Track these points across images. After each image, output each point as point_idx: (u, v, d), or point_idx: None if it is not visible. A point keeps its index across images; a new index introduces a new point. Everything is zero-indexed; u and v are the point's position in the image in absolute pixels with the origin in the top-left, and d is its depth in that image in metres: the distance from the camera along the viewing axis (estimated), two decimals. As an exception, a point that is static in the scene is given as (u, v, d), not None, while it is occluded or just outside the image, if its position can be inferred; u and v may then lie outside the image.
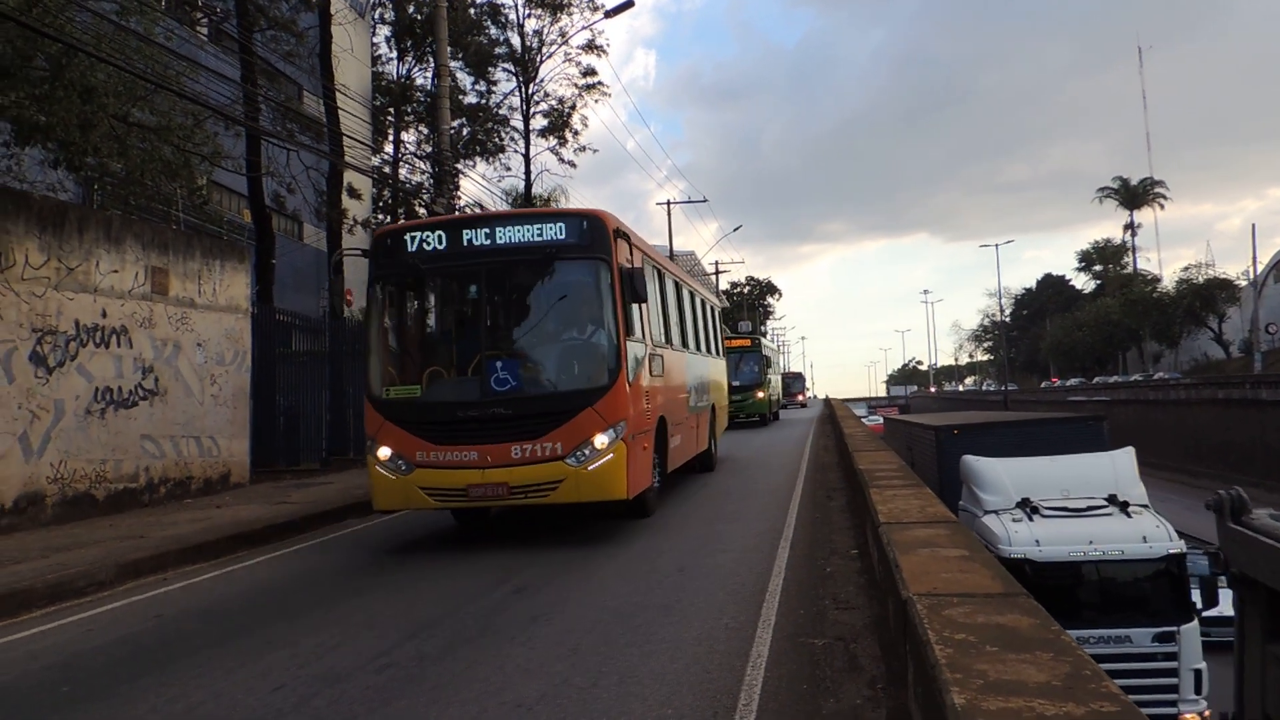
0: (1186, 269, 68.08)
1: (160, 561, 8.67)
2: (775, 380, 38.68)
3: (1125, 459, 12.63)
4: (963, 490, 13.35)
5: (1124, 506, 11.47)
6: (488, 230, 8.92)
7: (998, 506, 11.92)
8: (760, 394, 30.60)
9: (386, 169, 32.67)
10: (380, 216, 36.12)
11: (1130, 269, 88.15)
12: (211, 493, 13.80)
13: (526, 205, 35.61)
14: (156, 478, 12.87)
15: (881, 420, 55.68)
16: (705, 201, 60.07)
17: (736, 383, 27.58)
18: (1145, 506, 11.74)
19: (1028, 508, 11.59)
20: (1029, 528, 11.13)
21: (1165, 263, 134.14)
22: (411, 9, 33.12)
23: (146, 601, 7.51)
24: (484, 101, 36.80)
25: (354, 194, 25.89)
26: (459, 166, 21.67)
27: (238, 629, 6.40)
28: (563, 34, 36.83)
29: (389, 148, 34.77)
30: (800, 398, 66.18)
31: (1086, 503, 11.62)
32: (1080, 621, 10.26)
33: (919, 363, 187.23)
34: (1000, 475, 12.30)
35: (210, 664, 5.48)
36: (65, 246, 11.41)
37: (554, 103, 38.10)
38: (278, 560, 9.23)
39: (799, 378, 74.78)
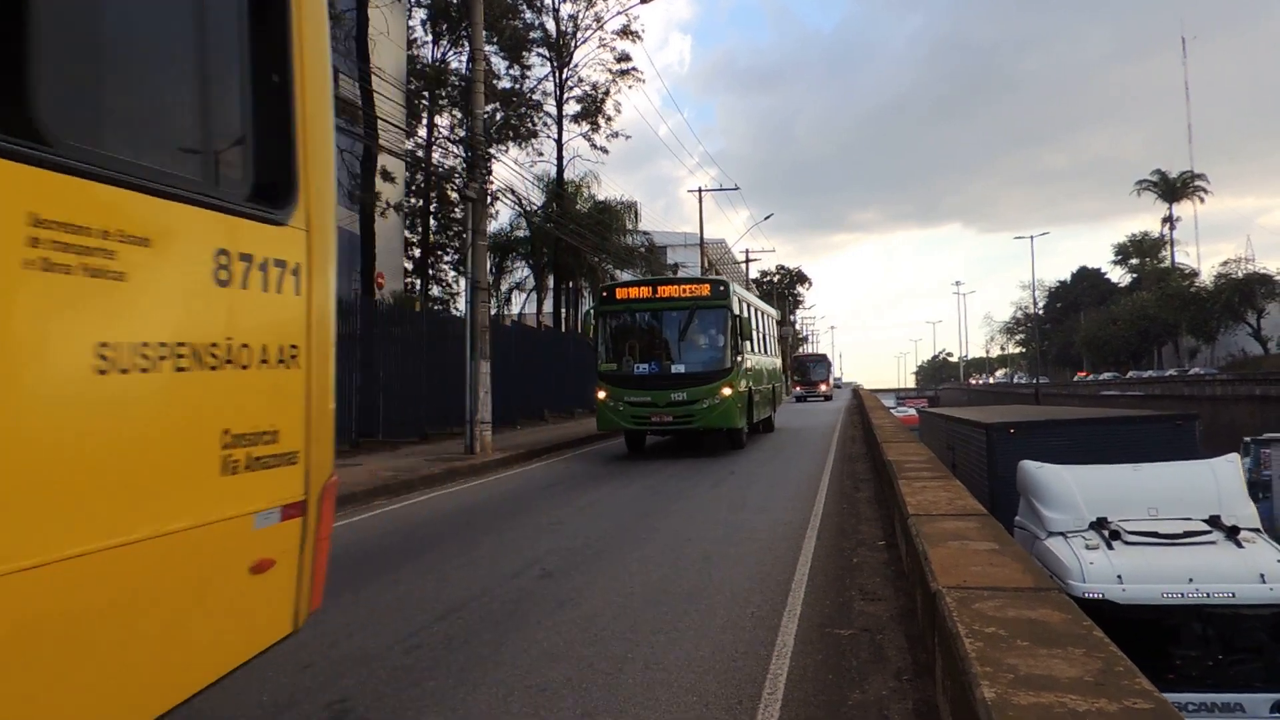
0: (1225, 263, 66.98)
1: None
2: (768, 365, 22.43)
3: (1229, 470, 10.06)
4: (1020, 503, 10.95)
5: (1232, 533, 9.00)
6: None
7: (1066, 527, 9.61)
8: (726, 390, 16.49)
9: (420, 153, 32.83)
10: (412, 200, 36.35)
11: (1168, 263, 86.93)
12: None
13: (558, 189, 35.66)
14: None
15: (914, 412, 52.63)
16: (737, 189, 59.86)
17: (680, 368, 16.60)
18: (1258, 531, 9.31)
19: (1105, 530, 9.23)
20: (1108, 558, 8.79)
21: (1204, 257, 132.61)
22: (447, -8, 33.15)
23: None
24: (518, 86, 36.83)
25: (388, 177, 26.04)
26: (492, 151, 21.71)
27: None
28: (598, 19, 36.75)
29: (422, 131, 34.91)
30: (823, 387, 57.12)
31: (1182, 526, 9.19)
32: (1177, 683, 8.16)
33: (949, 354, 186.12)
34: (1069, 486, 10.00)
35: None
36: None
37: (587, 88, 38.05)
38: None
39: (822, 361, 63.13)
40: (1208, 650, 8.43)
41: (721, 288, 17.39)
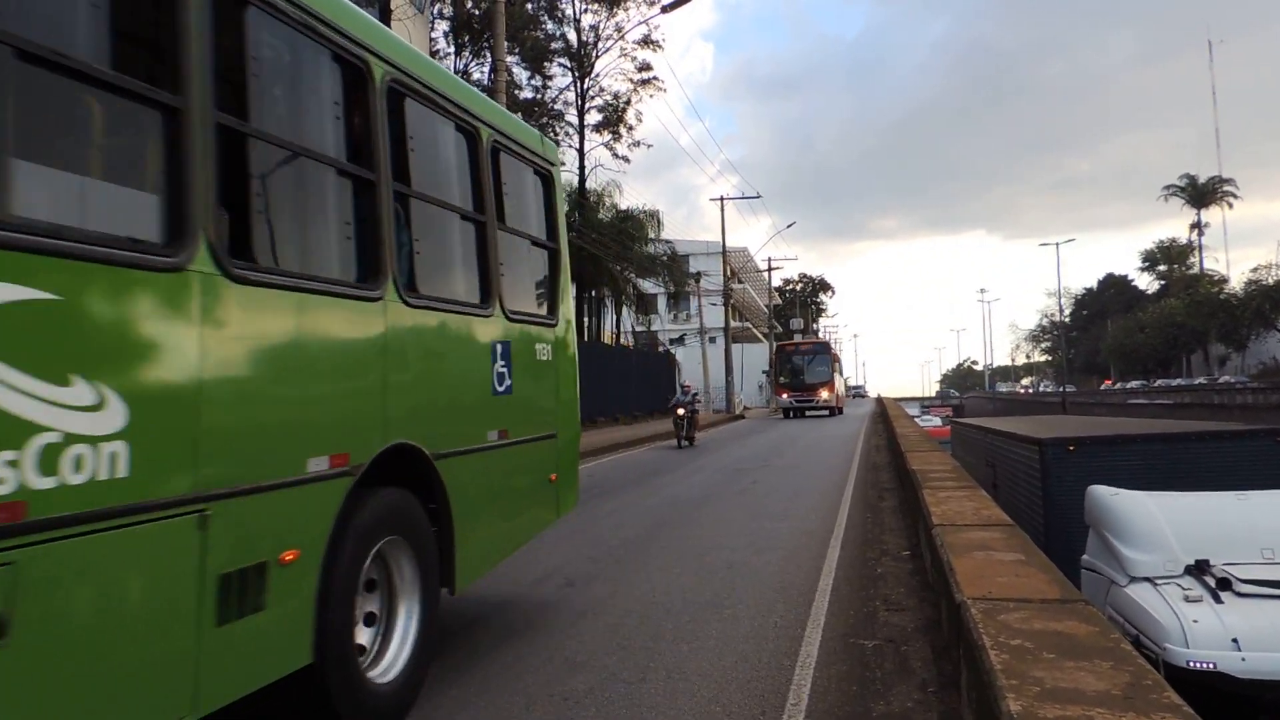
0: (1256, 269, 66.03)
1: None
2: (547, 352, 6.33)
3: None
4: (1089, 539, 8.79)
5: None
6: None
7: (1154, 571, 7.48)
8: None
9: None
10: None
11: (1196, 269, 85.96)
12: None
13: (580, 199, 35.75)
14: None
15: (940, 422, 47.00)
16: (759, 197, 59.41)
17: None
18: None
19: (1208, 576, 7.10)
20: (1217, 615, 6.64)
21: (1233, 263, 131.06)
22: (470, 4, 33.40)
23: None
24: (539, 96, 37.06)
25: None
26: (514, 161, 21.74)
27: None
28: (619, 28, 36.92)
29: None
30: (824, 394, 40.68)
31: None
32: None
33: (974, 362, 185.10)
34: (1155, 519, 7.80)
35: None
36: None
37: (609, 98, 38.27)
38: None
39: (821, 354, 43.70)
40: None
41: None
